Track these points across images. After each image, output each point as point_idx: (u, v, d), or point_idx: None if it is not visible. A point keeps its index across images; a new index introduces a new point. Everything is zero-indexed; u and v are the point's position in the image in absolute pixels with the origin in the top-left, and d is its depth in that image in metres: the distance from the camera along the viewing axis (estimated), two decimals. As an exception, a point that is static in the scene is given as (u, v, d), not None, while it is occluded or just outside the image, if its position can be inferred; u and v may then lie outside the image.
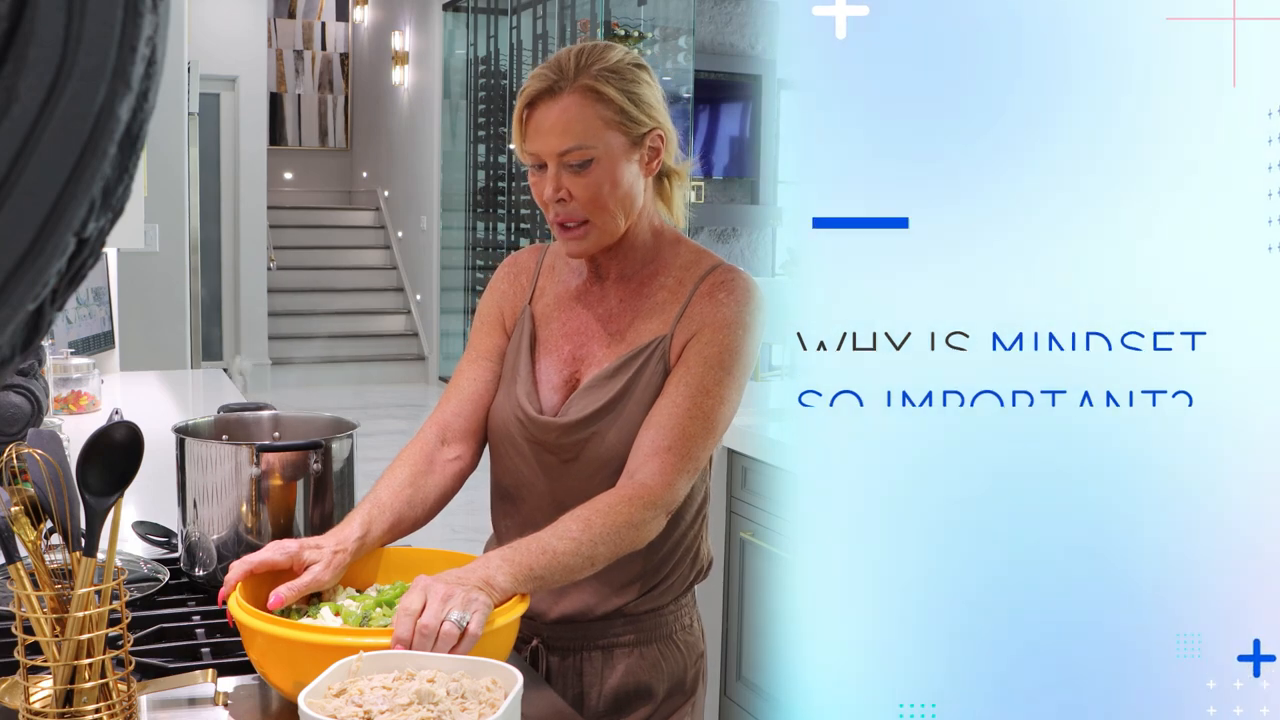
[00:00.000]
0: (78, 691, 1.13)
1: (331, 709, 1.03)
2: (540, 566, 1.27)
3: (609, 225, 1.43)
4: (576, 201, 1.41)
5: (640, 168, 1.45)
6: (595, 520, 1.32)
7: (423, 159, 9.89)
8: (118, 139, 0.39)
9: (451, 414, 1.54)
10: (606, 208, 1.41)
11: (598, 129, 1.39)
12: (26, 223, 0.37)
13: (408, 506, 1.45)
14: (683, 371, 1.42)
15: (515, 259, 1.63)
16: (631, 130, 1.42)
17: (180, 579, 1.63)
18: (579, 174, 1.40)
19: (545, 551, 1.28)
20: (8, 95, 0.36)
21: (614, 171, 1.41)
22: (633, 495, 1.36)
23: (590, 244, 1.44)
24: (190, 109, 5.68)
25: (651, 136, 1.44)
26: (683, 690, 1.56)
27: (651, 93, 1.45)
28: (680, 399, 1.41)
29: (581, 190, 1.40)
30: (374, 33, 11.39)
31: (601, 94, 1.39)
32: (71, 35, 0.37)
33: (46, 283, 0.39)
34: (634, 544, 1.36)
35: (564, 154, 1.39)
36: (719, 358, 1.42)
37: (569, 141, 1.39)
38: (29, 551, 1.14)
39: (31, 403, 2.25)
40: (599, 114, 1.39)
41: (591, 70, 1.40)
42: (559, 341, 1.53)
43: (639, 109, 1.42)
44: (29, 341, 0.40)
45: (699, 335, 1.44)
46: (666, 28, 8.21)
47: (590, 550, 1.31)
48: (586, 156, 1.39)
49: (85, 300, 3.57)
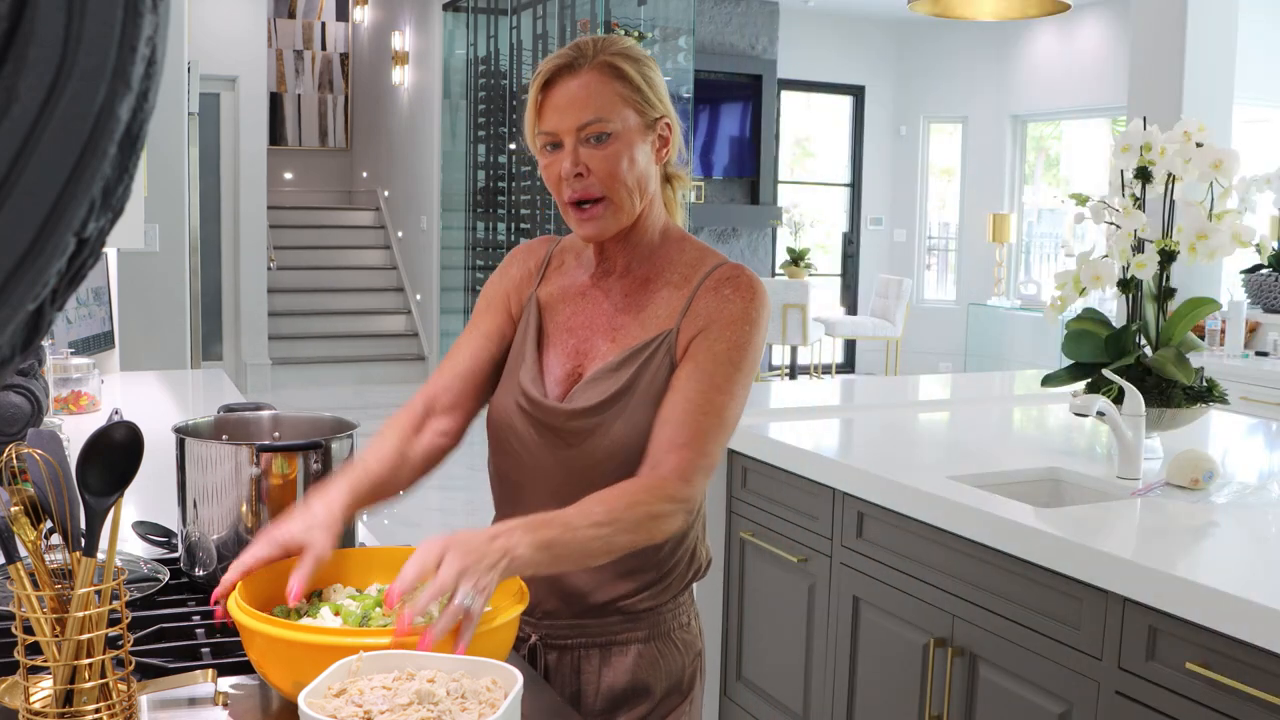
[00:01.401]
0: (78, 691, 1.13)
1: (331, 709, 1.03)
2: (560, 544, 1.27)
3: (625, 203, 1.45)
4: (594, 176, 1.43)
5: (652, 152, 1.48)
6: (618, 507, 1.33)
7: (423, 159, 9.89)
8: (118, 139, 0.39)
9: (441, 387, 1.55)
10: (624, 184, 1.44)
11: (616, 104, 1.43)
12: (26, 223, 0.37)
13: (392, 473, 1.47)
14: (692, 367, 1.43)
15: (528, 246, 1.65)
16: (646, 112, 1.46)
17: (180, 579, 1.63)
18: (597, 148, 1.42)
19: (568, 529, 1.29)
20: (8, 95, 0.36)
21: (631, 148, 1.44)
22: (655, 486, 1.37)
23: (605, 224, 1.46)
24: (190, 109, 5.68)
25: (661, 124, 1.48)
26: (680, 689, 1.57)
27: (662, 83, 1.50)
28: (692, 394, 1.42)
29: (599, 164, 1.42)
30: (374, 33, 11.39)
31: (621, 71, 1.43)
32: (71, 35, 0.37)
33: (46, 283, 0.39)
34: (652, 536, 1.37)
35: (583, 127, 1.42)
36: (728, 354, 1.44)
37: (589, 114, 1.41)
38: (29, 551, 1.14)
39: (31, 403, 2.25)
40: (618, 90, 1.43)
41: (610, 50, 1.44)
42: (564, 334, 1.54)
43: (653, 92, 1.46)
44: (29, 341, 0.40)
45: (707, 331, 1.45)
46: (666, 28, 8.20)
47: (610, 534, 1.31)
48: (605, 129, 1.42)
49: (85, 300, 3.57)
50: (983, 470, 2.51)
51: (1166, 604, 1.83)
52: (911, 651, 2.40)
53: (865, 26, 10.60)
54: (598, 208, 1.44)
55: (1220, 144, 2.62)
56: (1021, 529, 2.09)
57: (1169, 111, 4.28)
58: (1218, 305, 2.68)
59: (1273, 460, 2.95)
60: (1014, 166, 10.27)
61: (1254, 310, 5.24)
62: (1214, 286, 4.52)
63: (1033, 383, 3.76)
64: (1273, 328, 5.09)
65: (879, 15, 10.40)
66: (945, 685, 2.30)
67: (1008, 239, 9.70)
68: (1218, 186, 2.53)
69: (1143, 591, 1.86)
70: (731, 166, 10.08)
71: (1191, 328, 2.66)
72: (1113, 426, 2.38)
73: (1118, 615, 1.93)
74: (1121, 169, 2.63)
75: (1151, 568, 1.86)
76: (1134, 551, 1.96)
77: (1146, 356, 2.58)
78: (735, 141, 10.07)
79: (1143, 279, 2.60)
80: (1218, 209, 2.53)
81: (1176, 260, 2.56)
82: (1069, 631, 2.02)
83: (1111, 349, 2.61)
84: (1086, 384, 2.63)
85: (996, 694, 2.19)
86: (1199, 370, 2.58)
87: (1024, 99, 10.00)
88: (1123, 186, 2.63)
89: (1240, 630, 1.71)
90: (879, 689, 2.52)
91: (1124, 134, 2.63)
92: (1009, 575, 2.14)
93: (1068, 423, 3.09)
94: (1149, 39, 4.48)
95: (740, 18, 9.87)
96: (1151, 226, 2.60)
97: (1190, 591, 1.79)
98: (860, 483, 2.53)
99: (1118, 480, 2.41)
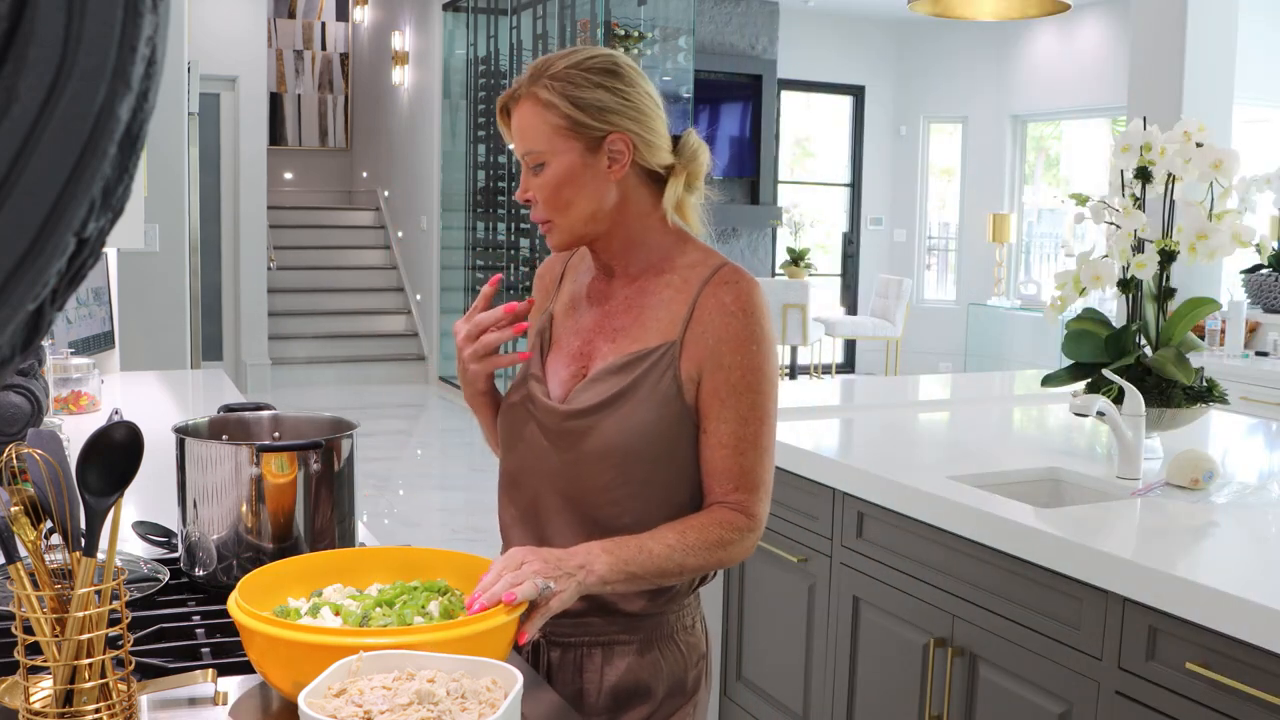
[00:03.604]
0: (78, 691, 1.13)
1: (331, 709, 1.03)
2: (635, 563, 1.37)
3: (570, 225, 1.49)
4: (540, 203, 1.48)
5: (604, 170, 1.47)
6: (690, 533, 1.43)
7: (423, 159, 9.89)
8: (118, 139, 0.39)
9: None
10: (563, 208, 1.48)
11: (546, 134, 1.45)
12: (26, 223, 0.37)
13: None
14: (718, 407, 1.47)
15: (541, 272, 1.71)
16: (585, 134, 1.45)
17: (180, 579, 1.63)
18: (538, 175, 1.48)
19: (642, 550, 1.38)
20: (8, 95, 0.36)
21: (566, 174, 1.46)
22: (722, 519, 1.46)
23: (557, 240, 1.52)
24: (190, 109, 5.68)
25: (610, 140, 1.46)
26: (683, 691, 1.57)
27: (612, 98, 1.46)
28: (726, 439, 1.47)
29: (540, 191, 1.48)
30: (374, 33, 11.39)
31: (547, 101, 1.45)
32: (71, 35, 0.37)
33: (46, 283, 0.39)
34: (723, 562, 1.47)
35: (524, 156, 1.48)
36: (745, 380, 1.47)
37: (523, 146, 1.47)
38: (29, 551, 1.14)
39: (31, 403, 2.25)
40: (545, 120, 1.45)
41: (543, 78, 1.45)
42: (569, 338, 1.57)
43: (588, 114, 1.44)
44: (29, 341, 0.40)
45: (718, 358, 1.46)
46: (666, 28, 8.20)
47: (681, 558, 1.41)
48: (539, 160, 1.47)
49: (85, 300, 3.57)
50: (983, 470, 2.51)
51: (1166, 604, 1.83)
52: (911, 651, 2.40)
53: (865, 26, 10.60)
54: (548, 226, 1.50)
55: (1220, 144, 2.62)
56: (1021, 529, 2.09)
57: (1169, 111, 4.28)
58: (1218, 305, 2.68)
59: (1273, 460, 2.95)
60: (1014, 166, 10.27)
61: (1254, 310, 5.24)
62: (1214, 286, 4.52)
63: (1033, 383, 3.76)
64: (1273, 328, 5.09)
65: (879, 15, 10.40)
66: (945, 685, 2.30)
67: (1008, 239, 9.70)
68: (1218, 186, 2.53)
69: (1143, 591, 1.86)
70: (731, 166, 10.08)
71: (1191, 328, 2.66)
72: (1113, 426, 2.38)
73: (1118, 615, 1.93)
74: (1121, 169, 2.63)
75: (1151, 568, 1.86)
76: (1134, 551, 1.96)
77: (1146, 356, 2.58)
78: (735, 141, 10.07)
79: (1143, 279, 2.60)
80: (1218, 209, 2.53)
81: (1176, 260, 2.56)
82: (1069, 631, 2.02)
83: (1111, 349, 2.61)
84: (1086, 384, 2.63)
85: (996, 694, 2.19)
86: (1199, 370, 2.58)
87: (1024, 99, 10.00)
88: (1123, 186, 2.63)
89: (1240, 630, 1.71)
90: (879, 689, 2.52)
91: (1124, 134, 2.63)
92: (1009, 575, 2.14)
93: (1068, 423, 3.09)
94: (1149, 39, 4.48)
95: (740, 18, 9.87)
96: (1151, 226, 2.60)
97: (1190, 591, 1.79)
98: (860, 483, 2.53)
99: (1118, 480, 2.41)
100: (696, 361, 1.47)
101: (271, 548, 1.57)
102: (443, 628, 1.20)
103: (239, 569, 1.54)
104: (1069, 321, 2.76)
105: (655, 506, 1.48)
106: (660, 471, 1.48)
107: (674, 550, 1.40)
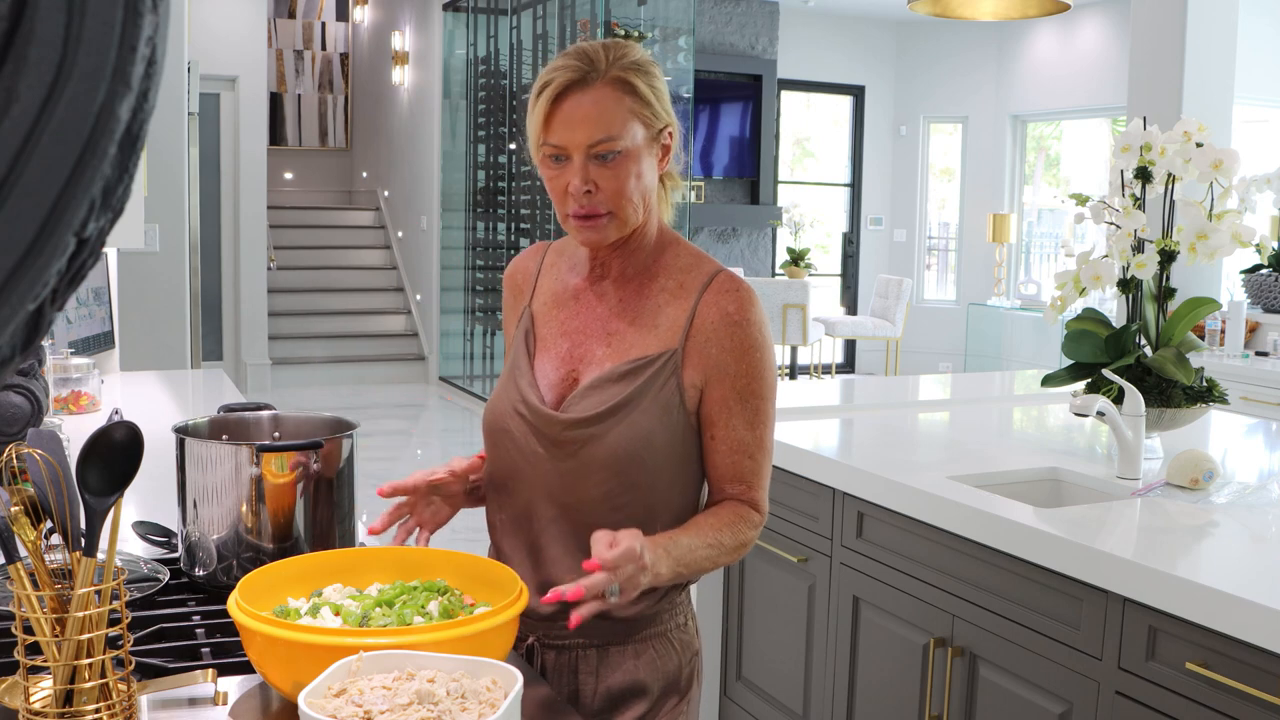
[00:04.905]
0: (78, 691, 1.13)
1: (331, 709, 1.03)
2: (684, 562, 1.41)
3: (629, 217, 1.46)
4: (603, 193, 1.43)
5: (656, 163, 1.48)
6: (724, 532, 1.48)
7: (423, 159, 9.89)
8: (118, 139, 0.39)
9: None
10: (630, 200, 1.45)
11: (626, 121, 1.42)
12: (26, 223, 0.37)
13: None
14: (726, 415, 1.49)
15: (512, 272, 1.67)
16: (653, 125, 1.45)
17: (180, 579, 1.63)
18: (606, 165, 1.42)
19: (691, 550, 1.43)
20: (8, 95, 0.36)
21: (638, 164, 1.44)
22: (742, 516, 1.51)
23: (608, 234, 1.47)
24: (190, 109, 5.68)
25: (665, 133, 1.48)
26: (677, 688, 1.57)
27: (665, 89, 1.49)
28: (735, 444, 1.51)
29: (608, 182, 1.43)
30: (374, 33, 11.39)
31: (633, 86, 1.42)
32: (71, 35, 0.37)
33: (46, 283, 0.39)
34: (738, 557, 1.52)
35: (593, 145, 1.41)
36: (751, 388, 1.49)
37: (599, 133, 1.41)
38: (29, 551, 1.14)
39: (31, 403, 2.25)
40: (629, 106, 1.42)
41: (622, 62, 1.43)
42: (557, 339, 1.55)
43: (660, 104, 1.46)
44: (29, 341, 0.40)
45: (723, 368, 1.48)
46: (666, 28, 8.20)
47: (716, 556, 1.46)
48: (615, 148, 1.42)
49: (85, 300, 3.57)
50: (983, 470, 2.51)
51: (1166, 604, 1.83)
52: (911, 651, 2.40)
53: (865, 26, 10.60)
54: (601, 219, 1.45)
55: (1220, 144, 2.62)
56: (1021, 529, 2.09)
57: (1169, 111, 4.28)
58: (1218, 305, 2.68)
59: (1273, 460, 2.95)
60: (1014, 166, 10.27)
61: (1254, 310, 5.24)
62: (1214, 286, 4.52)
63: (1033, 383, 3.76)
64: (1273, 328, 5.09)
65: (879, 15, 10.40)
66: (945, 685, 2.30)
67: (1008, 239, 9.70)
68: (1218, 186, 2.53)
69: (1143, 591, 1.86)
70: (731, 166, 10.08)
71: (1191, 328, 2.65)
72: (1113, 426, 2.38)
73: (1118, 615, 1.93)
74: (1121, 169, 2.63)
75: (1151, 568, 1.86)
76: (1134, 551, 1.96)
77: (1146, 356, 2.58)
78: (735, 141, 10.07)
79: (1143, 279, 2.60)
80: (1218, 209, 2.53)
81: (1176, 260, 2.56)
82: (1069, 631, 2.02)
83: (1111, 349, 2.61)
84: (1086, 384, 2.63)
85: (996, 694, 2.19)
86: (1199, 370, 2.58)
87: (1024, 99, 10.00)
88: (1123, 186, 2.63)
89: (1240, 630, 1.71)
90: (879, 689, 2.53)
91: (1124, 134, 2.63)
92: (1009, 575, 2.14)
93: (1068, 423, 3.09)
94: (1149, 39, 4.48)
95: (740, 18, 9.87)
96: (1151, 226, 2.60)
97: (1190, 591, 1.79)
98: (860, 483, 2.53)
99: (1118, 480, 2.41)
100: (700, 370, 1.47)
101: (271, 548, 1.57)
102: (443, 628, 1.20)
103: (239, 569, 1.54)
104: (1069, 321, 2.76)
105: (653, 513, 1.48)
106: (660, 478, 1.48)
107: (713, 549, 1.45)
